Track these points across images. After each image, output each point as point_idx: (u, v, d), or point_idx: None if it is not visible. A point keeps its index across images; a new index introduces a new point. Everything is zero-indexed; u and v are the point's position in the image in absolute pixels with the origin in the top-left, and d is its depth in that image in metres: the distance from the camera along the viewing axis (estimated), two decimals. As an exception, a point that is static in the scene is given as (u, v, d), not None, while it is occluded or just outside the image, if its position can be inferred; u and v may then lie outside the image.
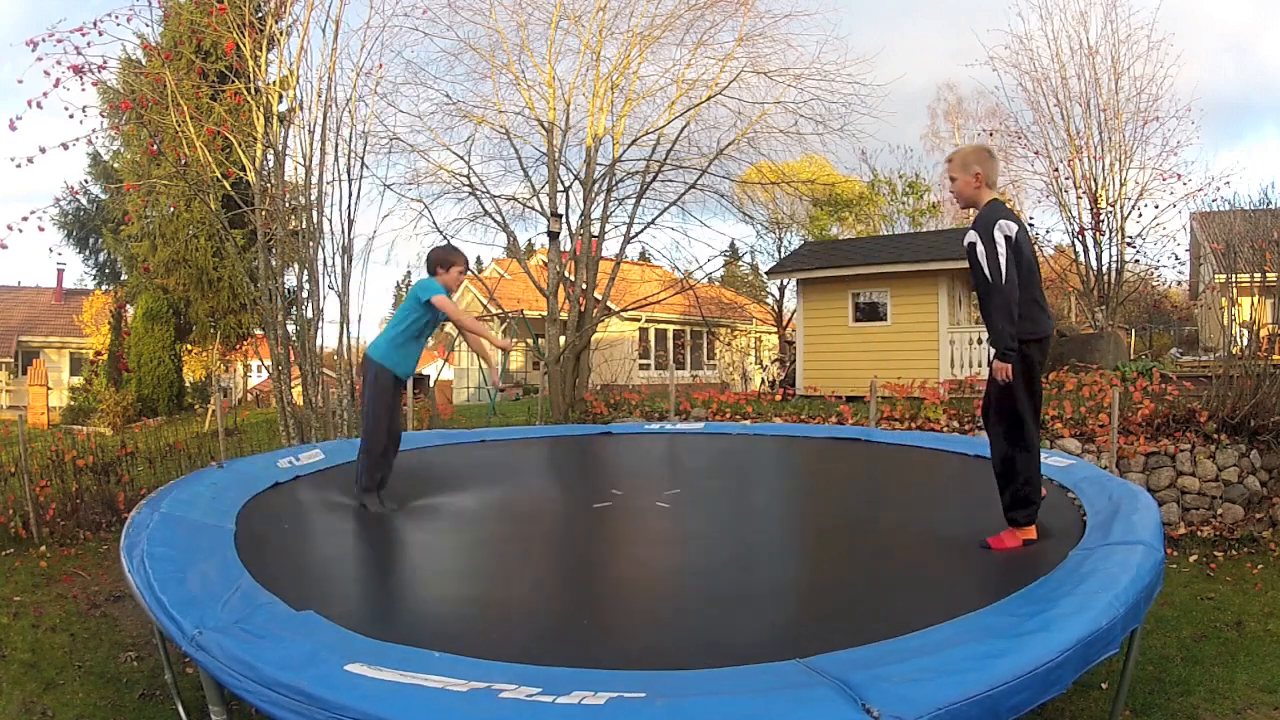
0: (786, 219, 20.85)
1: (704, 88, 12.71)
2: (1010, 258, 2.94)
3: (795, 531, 4.12)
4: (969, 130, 27.22)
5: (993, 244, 2.96)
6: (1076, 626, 2.01)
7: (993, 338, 3.05)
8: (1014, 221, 3.02)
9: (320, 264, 8.44)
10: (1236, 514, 6.82)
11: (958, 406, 8.57)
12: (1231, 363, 7.70)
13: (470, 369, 22.47)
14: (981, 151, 3.25)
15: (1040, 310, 3.11)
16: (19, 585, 5.60)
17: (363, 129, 8.97)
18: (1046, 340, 3.19)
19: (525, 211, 13.43)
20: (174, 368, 18.80)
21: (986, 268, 2.97)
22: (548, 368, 12.13)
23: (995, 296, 2.96)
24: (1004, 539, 3.11)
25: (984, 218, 3.05)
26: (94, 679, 3.87)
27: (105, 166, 19.11)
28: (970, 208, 3.20)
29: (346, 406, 8.65)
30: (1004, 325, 2.95)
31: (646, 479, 5.49)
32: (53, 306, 28.23)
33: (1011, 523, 3.15)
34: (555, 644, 2.33)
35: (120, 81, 10.23)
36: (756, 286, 27.35)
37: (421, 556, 3.50)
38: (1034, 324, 3.05)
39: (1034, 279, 3.08)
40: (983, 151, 3.25)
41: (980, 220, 3.06)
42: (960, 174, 3.19)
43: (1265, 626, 4.56)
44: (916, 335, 12.70)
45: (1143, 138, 14.67)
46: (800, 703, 1.64)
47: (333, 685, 1.75)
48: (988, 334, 3.12)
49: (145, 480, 7.76)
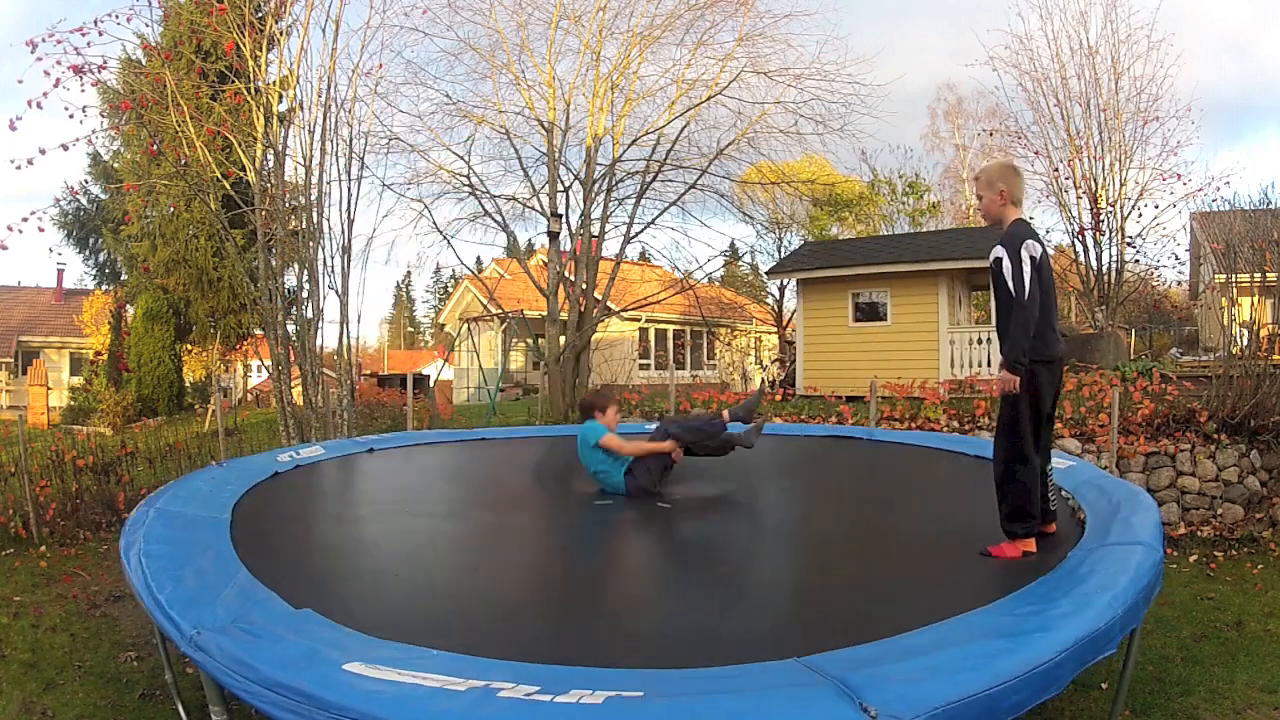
0: (786, 219, 20.86)
1: (704, 88, 12.73)
2: (1034, 278, 3.00)
3: (794, 530, 4.12)
4: (969, 130, 27.22)
5: (1019, 262, 3.02)
6: (1075, 626, 2.01)
7: (1006, 349, 3.09)
8: (1039, 243, 3.08)
9: (320, 264, 8.45)
10: (1236, 514, 6.82)
11: (958, 406, 8.57)
12: (1231, 363, 7.70)
13: (470, 369, 22.45)
14: (1007, 169, 3.30)
15: (1053, 333, 3.15)
16: (19, 585, 5.60)
17: (363, 129, 8.99)
18: (1057, 363, 3.21)
19: (525, 211, 13.46)
20: (174, 368, 18.80)
21: (1011, 284, 3.03)
22: (548, 368, 12.13)
23: (1017, 312, 3.02)
24: (1004, 549, 3.13)
25: (1011, 235, 3.10)
26: (94, 679, 3.87)
27: (105, 166, 19.11)
28: (996, 224, 3.25)
29: (346, 406, 8.66)
30: (1021, 340, 3.01)
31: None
32: (53, 306, 28.23)
33: (1009, 535, 3.15)
34: (554, 641, 2.34)
35: (120, 81, 10.24)
36: (756, 286, 27.34)
37: (419, 552, 3.50)
38: (1045, 346, 3.09)
39: (1051, 303, 3.13)
40: (1008, 169, 3.30)
41: (1007, 237, 3.11)
42: (986, 192, 3.24)
43: (1265, 626, 4.56)
44: (916, 335, 12.70)
45: (1143, 138, 14.68)
46: (798, 702, 1.64)
47: (332, 685, 1.75)
48: (1001, 346, 3.16)
49: (145, 480, 7.77)
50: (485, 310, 20.54)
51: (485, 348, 23.04)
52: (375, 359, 47.56)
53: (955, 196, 26.68)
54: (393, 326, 68.65)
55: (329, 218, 8.51)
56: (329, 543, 3.67)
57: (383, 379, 19.20)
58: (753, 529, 4.09)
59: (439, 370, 24.53)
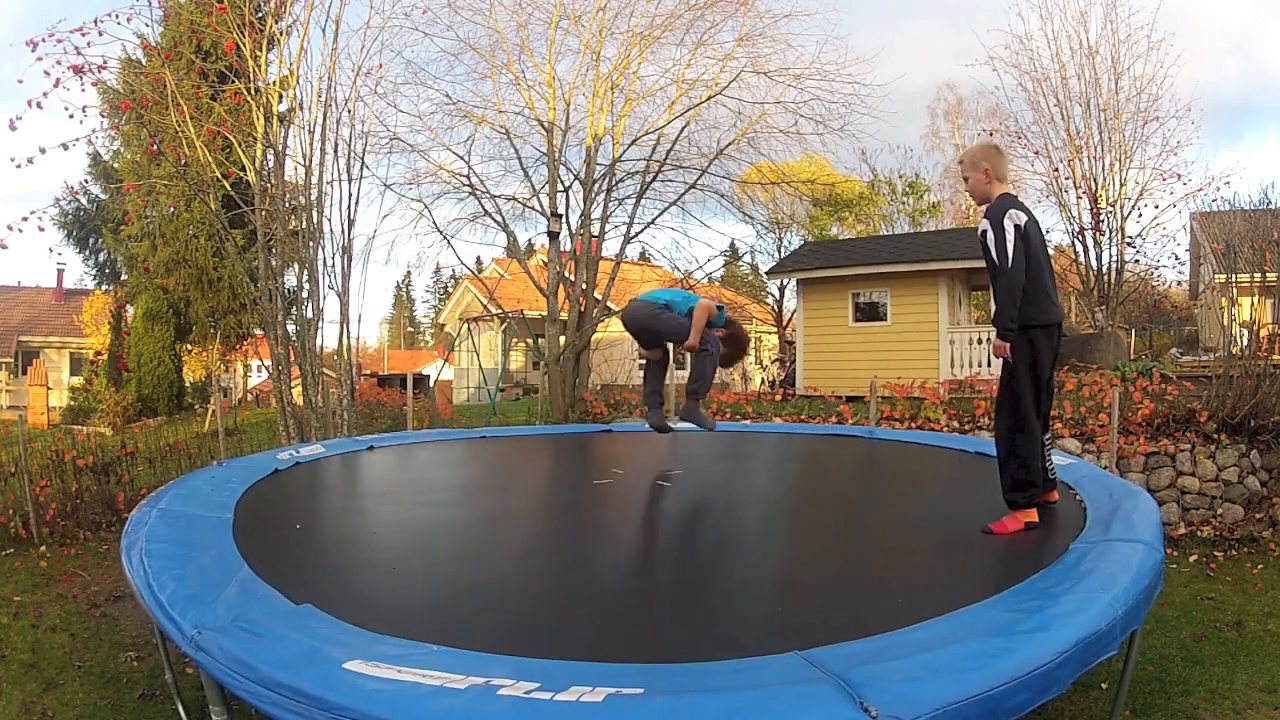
0: (786, 219, 20.86)
1: (704, 88, 12.73)
2: (1019, 245, 3.10)
3: (794, 525, 4.12)
4: (969, 130, 27.22)
5: (1002, 232, 3.12)
6: (1076, 627, 2.01)
7: (994, 317, 3.22)
8: (1024, 212, 3.19)
9: (320, 264, 8.45)
10: (1236, 514, 6.82)
11: (958, 406, 8.57)
12: (1231, 363, 7.70)
13: (470, 369, 22.46)
14: (989, 148, 3.45)
15: (1048, 299, 3.24)
16: (19, 585, 5.60)
17: (363, 129, 8.98)
18: (1054, 328, 3.28)
19: (525, 211, 13.45)
20: (174, 368, 18.80)
21: (995, 253, 3.14)
22: (548, 368, 12.13)
23: (1001, 279, 3.13)
24: (1005, 523, 3.19)
25: (995, 208, 3.22)
26: (94, 679, 3.87)
27: (105, 166, 19.12)
28: (985, 202, 3.33)
29: (346, 406, 8.66)
30: (1007, 307, 3.12)
31: (646, 476, 5.49)
32: (53, 306, 28.23)
33: (1011, 505, 3.22)
34: (554, 637, 2.33)
35: (120, 81, 10.23)
36: (756, 286, 27.34)
37: (419, 548, 3.50)
38: (1041, 310, 3.19)
39: (1043, 267, 3.23)
40: (990, 148, 3.45)
41: (992, 210, 3.22)
42: (971, 172, 3.37)
43: (1265, 626, 4.56)
44: (916, 335, 12.70)
45: (1143, 138, 14.67)
46: (799, 701, 1.63)
47: (332, 685, 1.74)
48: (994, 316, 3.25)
49: (145, 480, 7.77)
50: (485, 310, 20.54)
51: (485, 348, 23.04)
52: (375, 359, 47.59)
53: (955, 196, 26.65)
54: (393, 326, 68.69)
55: (329, 218, 8.52)
56: (330, 539, 3.66)
57: (383, 379, 19.21)
58: (753, 524, 4.09)
59: (439, 370, 24.53)
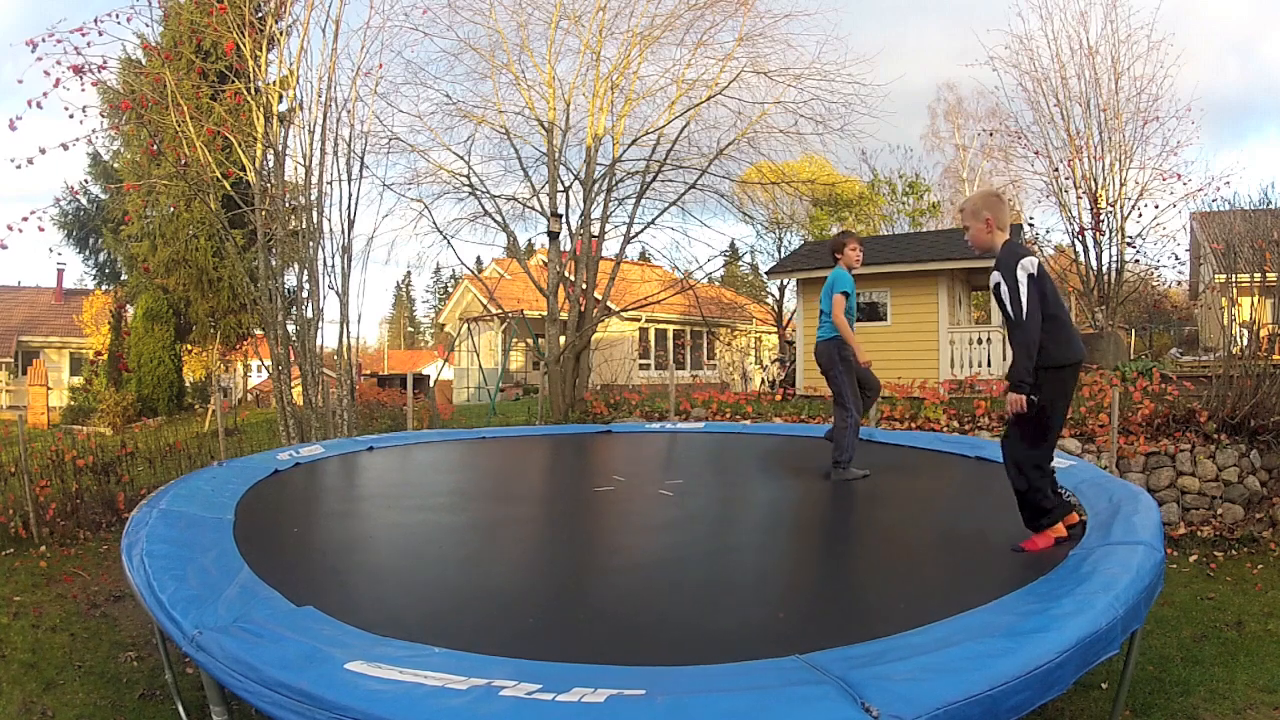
0: (786, 219, 20.89)
1: (704, 88, 12.72)
2: (1033, 296, 3.07)
3: (795, 527, 4.12)
4: (969, 130, 27.24)
5: (1016, 283, 3.08)
6: (1077, 627, 2.01)
7: (1010, 371, 3.18)
8: (1033, 258, 3.15)
9: (320, 264, 8.46)
10: (1236, 514, 6.82)
11: (958, 406, 8.57)
12: (1231, 363, 7.69)
13: (470, 369, 22.47)
14: (989, 196, 3.38)
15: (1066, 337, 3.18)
16: (19, 585, 5.60)
17: (363, 129, 8.99)
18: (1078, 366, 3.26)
19: (525, 211, 13.45)
20: (174, 368, 18.79)
21: (1010, 306, 3.10)
22: (548, 368, 12.13)
23: (1017, 333, 3.09)
24: (1036, 541, 3.17)
25: (1005, 258, 3.17)
26: (94, 679, 3.87)
27: (105, 166, 19.11)
28: (988, 252, 3.31)
29: (346, 406, 8.66)
30: (1023, 360, 3.07)
31: (647, 476, 5.49)
32: (53, 306, 28.23)
33: (1036, 530, 3.19)
34: (556, 638, 2.33)
35: (120, 81, 10.24)
36: (756, 286, 27.38)
37: (420, 548, 3.51)
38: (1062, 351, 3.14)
39: (1057, 309, 3.19)
40: (990, 196, 3.38)
41: (1002, 261, 3.17)
42: (972, 222, 3.33)
43: (1265, 626, 4.56)
44: (916, 335, 12.70)
45: (1143, 138, 14.65)
46: (800, 701, 1.64)
47: (334, 685, 1.75)
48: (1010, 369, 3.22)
49: (145, 480, 7.77)
50: (485, 310, 20.55)
51: (485, 348, 23.05)
52: (375, 359, 47.60)
53: (955, 196, 26.68)
54: (393, 326, 68.69)
55: (329, 218, 8.53)
56: (330, 540, 3.67)
57: (383, 379, 19.21)
58: (754, 526, 4.10)
59: (439, 370, 24.55)
